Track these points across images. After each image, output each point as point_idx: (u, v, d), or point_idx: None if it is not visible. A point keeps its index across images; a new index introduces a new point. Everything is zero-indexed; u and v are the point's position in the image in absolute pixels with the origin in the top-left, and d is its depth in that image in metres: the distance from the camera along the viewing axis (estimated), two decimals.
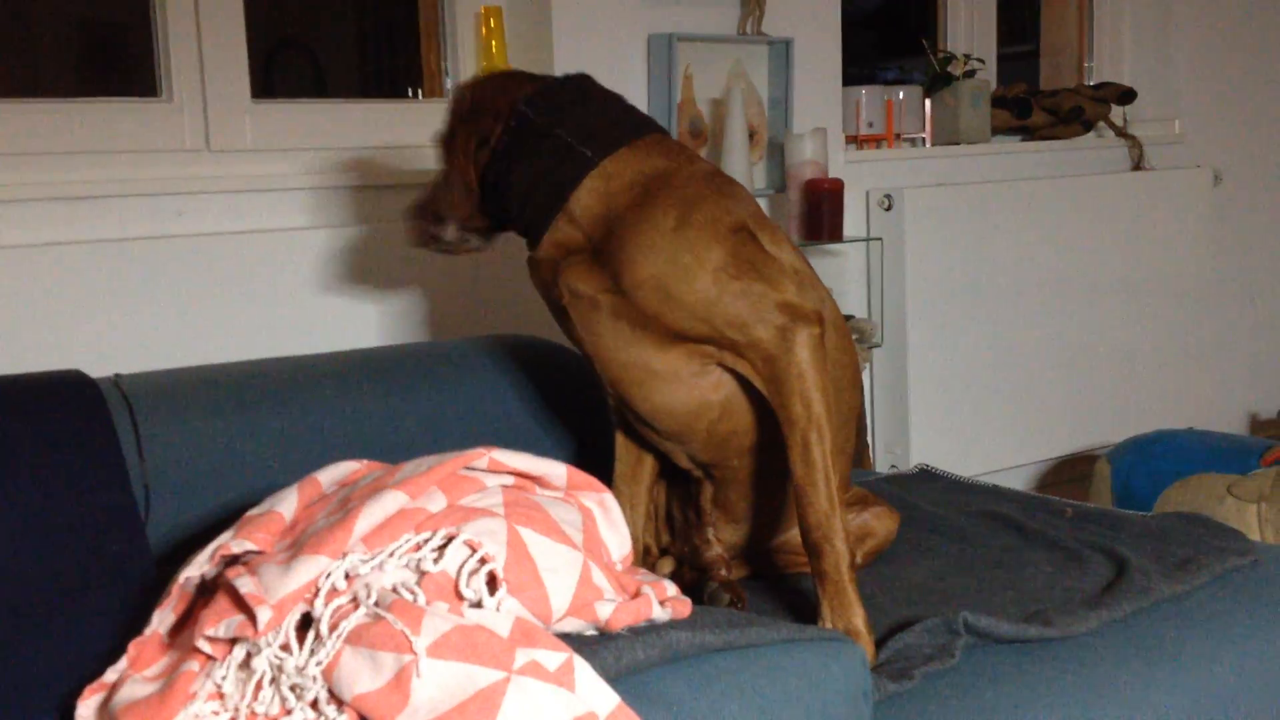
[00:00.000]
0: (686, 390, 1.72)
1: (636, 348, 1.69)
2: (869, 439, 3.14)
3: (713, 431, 1.76)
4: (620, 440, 1.89)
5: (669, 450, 1.83)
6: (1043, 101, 3.55)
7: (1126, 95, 3.61)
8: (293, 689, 1.24)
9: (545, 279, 1.78)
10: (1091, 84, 3.79)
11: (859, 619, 1.62)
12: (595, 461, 2.10)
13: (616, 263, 1.66)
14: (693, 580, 1.84)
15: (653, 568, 1.92)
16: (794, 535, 1.92)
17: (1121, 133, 3.66)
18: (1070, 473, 3.47)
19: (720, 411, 1.74)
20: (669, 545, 1.98)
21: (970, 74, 3.40)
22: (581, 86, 1.79)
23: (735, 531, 1.92)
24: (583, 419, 2.12)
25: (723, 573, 1.87)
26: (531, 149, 1.73)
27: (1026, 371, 3.33)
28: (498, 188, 1.78)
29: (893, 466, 3.11)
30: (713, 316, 1.65)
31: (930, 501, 2.24)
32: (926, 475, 2.44)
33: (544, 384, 2.14)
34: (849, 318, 2.96)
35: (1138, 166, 3.67)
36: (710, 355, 1.69)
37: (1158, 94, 3.81)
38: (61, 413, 1.74)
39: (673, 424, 1.75)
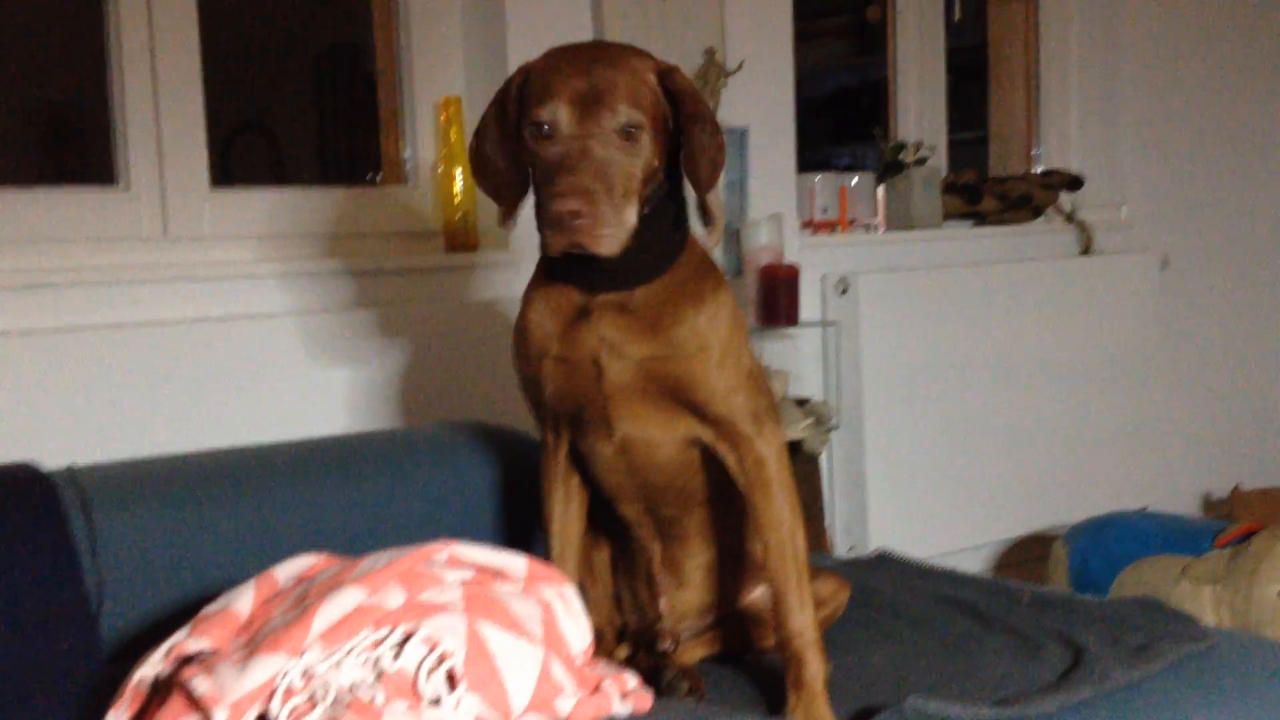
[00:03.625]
0: (680, 450, 1.76)
1: (653, 410, 1.72)
2: (827, 523, 3.14)
3: (685, 487, 1.81)
4: (556, 517, 1.86)
5: (628, 503, 1.84)
6: (993, 188, 3.61)
7: (1074, 182, 3.68)
8: None
9: (576, 331, 1.71)
10: (1040, 170, 3.87)
11: None
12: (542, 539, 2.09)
13: (677, 323, 1.68)
14: (650, 666, 1.83)
15: (609, 655, 1.91)
16: (755, 599, 1.93)
17: (1070, 218, 3.73)
18: (1028, 553, 3.48)
19: (694, 469, 1.79)
20: (623, 628, 1.98)
21: (921, 161, 3.46)
22: None
23: (688, 597, 1.92)
24: (531, 498, 2.11)
25: (667, 644, 1.87)
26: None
27: (982, 453, 3.36)
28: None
29: (851, 549, 3.12)
30: (731, 397, 1.70)
31: (889, 586, 2.24)
32: (885, 560, 2.45)
33: (502, 471, 2.14)
34: (805, 401, 2.98)
35: (1086, 251, 3.73)
36: (705, 437, 1.73)
37: (1105, 180, 3.89)
38: (12, 506, 1.72)
39: (661, 477, 1.78)
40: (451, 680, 1.29)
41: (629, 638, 1.96)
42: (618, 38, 2.71)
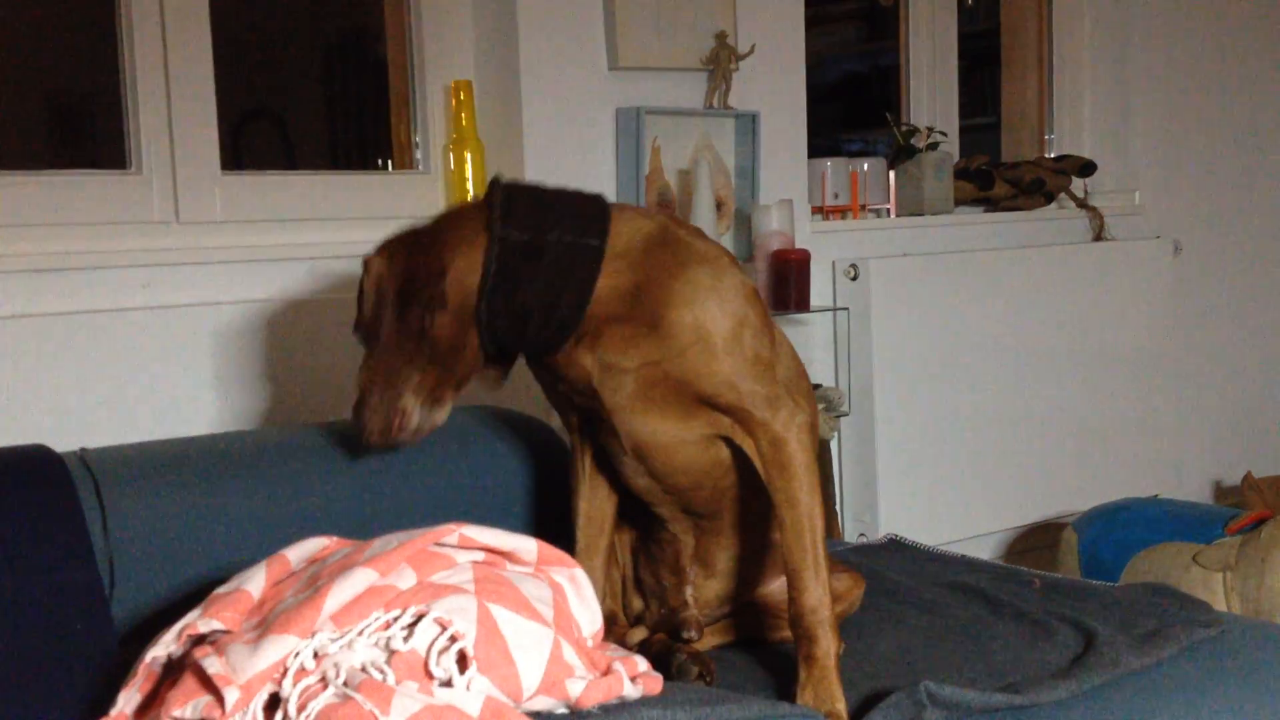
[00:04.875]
0: (701, 450, 1.76)
1: (661, 416, 1.72)
2: (837, 508, 3.14)
3: (716, 486, 1.81)
4: (582, 513, 1.88)
5: (660, 505, 1.84)
6: (1004, 173, 3.60)
7: (1087, 167, 3.66)
8: None
9: (560, 368, 1.74)
10: (1052, 156, 3.86)
11: (841, 705, 1.64)
12: (566, 534, 2.10)
13: (659, 322, 1.67)
14: (661, 649, 1.84)
15: (622, 639, 1.91)
16: (772, 591, 1.93)
17: (1082, 204, 3.72)
18: (1038, 540, 3.48)
19: (724, 468, 1.79)
20: (641, 613, 1.98)
21: (933, 146, 3.45)
22: (524, 188, 1.75)
23: (713, 586, 1.93)
24: (553, 491, 2.12)
25: (693, 633, 1.87)
26: (531, 266, 1.67)
27: (993, 439, 3.35)
28: (500, 318, 1.70)
29: (861, 536, 3.11)
30: (740, 383, 1.69)
31: (899, 572, 2.24)
32: (895, 545, 2.45)
33: (515, 456, 2.14)
34: (817, 387, 2.98)
35: (1099, 237, 3.72)
36: (722, 428, 1.73)
37: (1118, 166, 3.88)
38: (25, 488, 1.72)
39: (686, 480, 1.79)
40: (463, 661, 1.29)
41: (647, 623, 1.96)
42: (629, 21, 2.71)
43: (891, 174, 3.38)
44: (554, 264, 1.67)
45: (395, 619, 1.31)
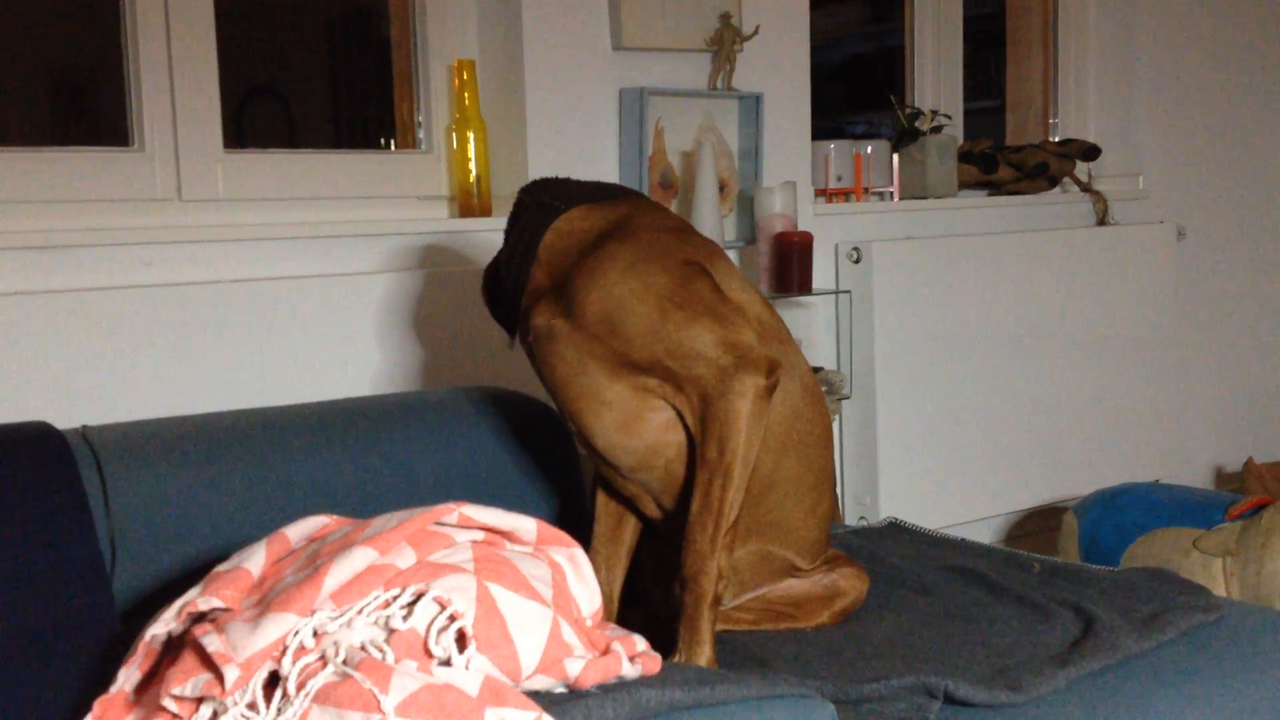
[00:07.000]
0: (639, 424, 1.75)
1: (586, 376, 1.74)
2: (838, 491, 3.14)
3: (669, 472, 1.78)
4: (601, 499, 1.90)
5: (634, 495, 1.84)
6: (1008, 157, 3.59)
7: (1091, 151, 3.65)
8: None
9: (526, 341, 1.85)
10: (1056, 140, 3.85)
11: (704, 658, 1.67)
12: (568, 515, 2.10)
13: (570, 290, 1.73)
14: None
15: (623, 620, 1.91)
16: (767, 593, 1.92)
17: (1086, 188, 3.71)
18: (1038, 524, 3.48)
19: (676, 452, 1.77)
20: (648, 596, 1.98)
21: (937, 129, 3.44)
22: (573, 177, 1.95)
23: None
24: (555, 473, 2.12)
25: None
26: (516, 224, 1.86)
27: (994, 424, 3.35)
28: (503, 268, 1.89)
29: (862, 519, 3.12)
30: (654, 344, 1.69)
31: (899, 556, 2.25)
32: (895, 529, 2.45)
33: (516, 437, 2.14)
34: (818, 369, 2.98)
35: (1102, 222, 3.71)
36: (654, 390, 1.72)
37: (1122, 150, 3.87)
38: (27, 464, 1.73)
39: (630, 460, 1.78)
40: (461, 640, 1.29)
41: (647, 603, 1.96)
42: (633, 1, 2.70)
43: (895, 157, 3.37)
44: (526, 221, 1.84)
45: (395, 598, 1.32)
